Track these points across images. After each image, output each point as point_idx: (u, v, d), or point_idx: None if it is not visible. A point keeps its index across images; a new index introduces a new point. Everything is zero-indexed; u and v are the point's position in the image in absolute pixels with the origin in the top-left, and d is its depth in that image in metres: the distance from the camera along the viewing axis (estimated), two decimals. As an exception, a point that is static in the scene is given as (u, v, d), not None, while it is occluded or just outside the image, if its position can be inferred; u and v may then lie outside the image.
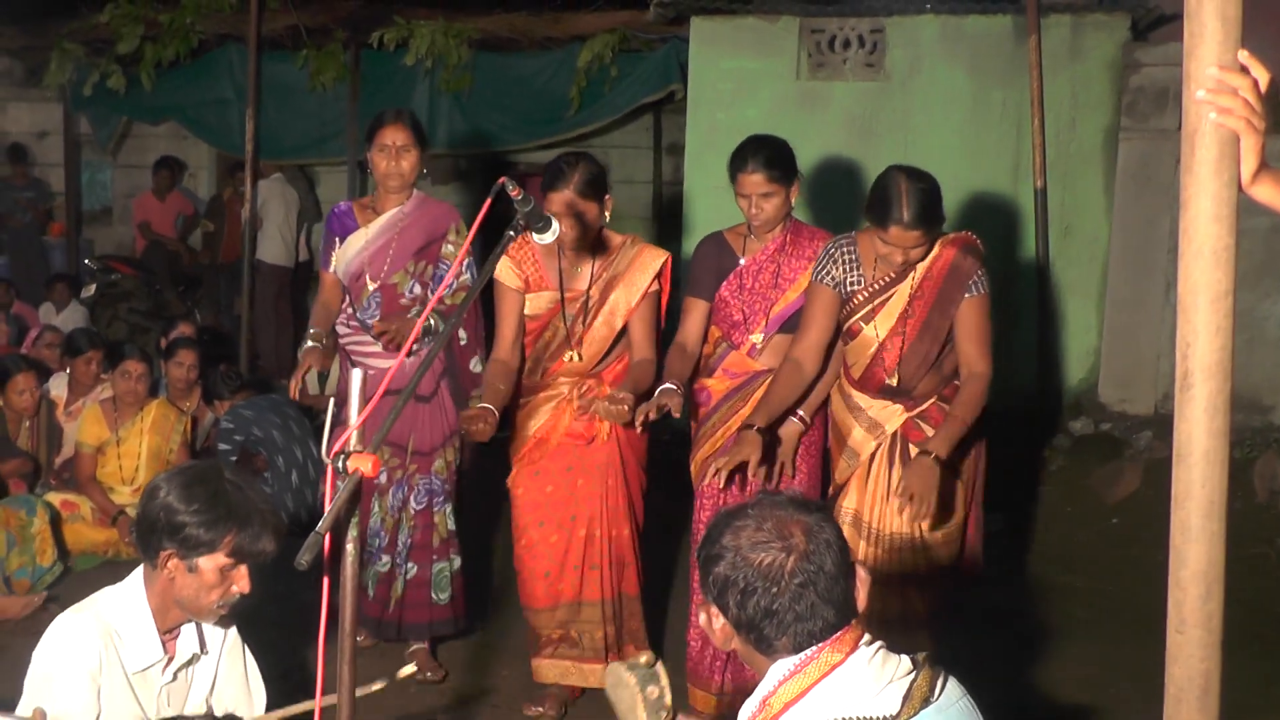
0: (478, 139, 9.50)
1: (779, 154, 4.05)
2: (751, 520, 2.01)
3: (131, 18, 9.48)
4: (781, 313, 4.14)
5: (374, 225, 4.56)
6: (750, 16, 7.50)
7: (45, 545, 5.37)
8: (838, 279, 3.91)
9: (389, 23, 9.04)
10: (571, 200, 4.03)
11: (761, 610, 1.95)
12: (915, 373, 3.89)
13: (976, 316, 3.82)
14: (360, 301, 4.58)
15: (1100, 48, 7.07)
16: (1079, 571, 5.62)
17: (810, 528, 1.98)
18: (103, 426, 6.10)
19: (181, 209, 10.99)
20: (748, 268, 4.18)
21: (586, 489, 4.24)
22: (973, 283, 3.80)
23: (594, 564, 4.27)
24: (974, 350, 3.83)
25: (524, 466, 4.30)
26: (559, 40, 9.04)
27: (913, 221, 3.64)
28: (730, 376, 4.21)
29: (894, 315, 3.86)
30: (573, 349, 4.24)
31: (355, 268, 4.55)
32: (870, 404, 3.95)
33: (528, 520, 4.30)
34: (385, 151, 4.44)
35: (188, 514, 2.60)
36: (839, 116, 7.39)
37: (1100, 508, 6.24)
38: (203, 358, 6.90)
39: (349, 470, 2.28)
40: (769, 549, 1.96)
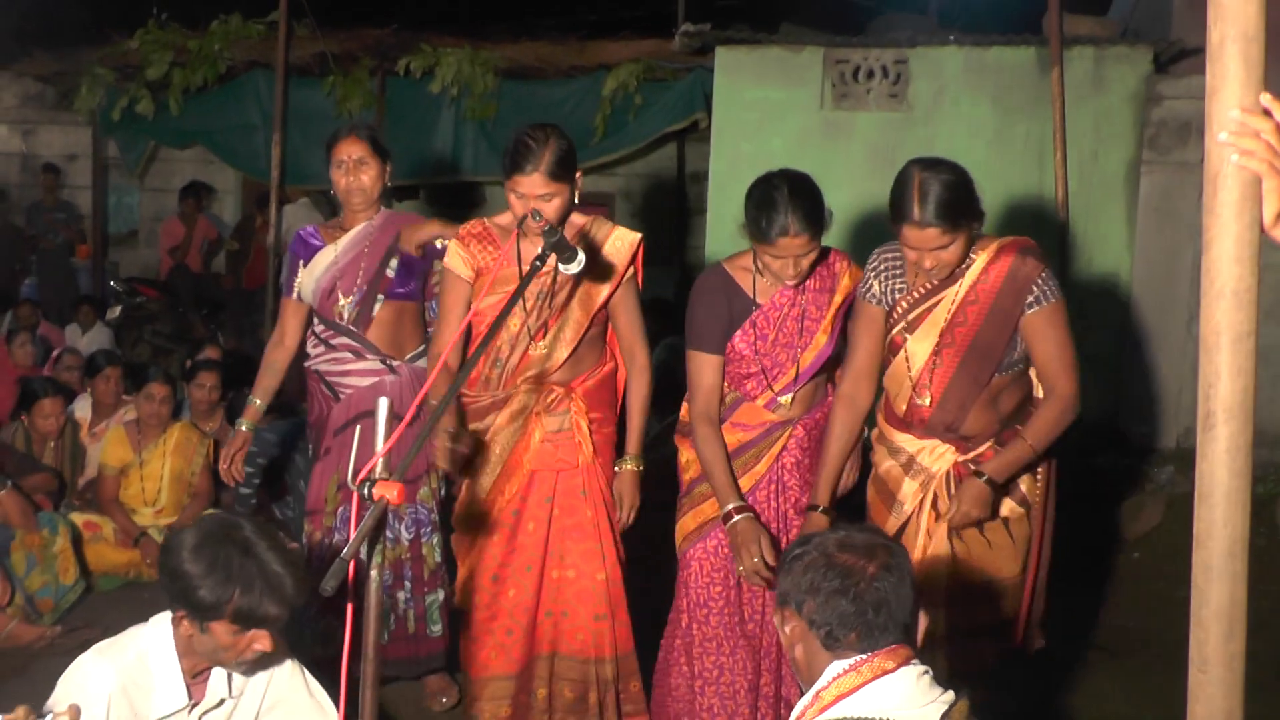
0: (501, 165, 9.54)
1: (816, 202, 3.45)
2: (843, 534, 2.21)
3: (161, 44, 9.59)
4: (813, 363, 3.62)
5: (342, 241, 4.32)
6: (775, 47, 7.53)
7: (67, 564, 5.39)
8: (878, 293, 3.46)
9: (416, 50, 9.12)
10: (544, 182, 3.55)
11: (836, 605, 2.11)
12: (962, 403, 3.37)
13: (1050, 329, 3.32)
14: (333, 315, 4.30)
15: (1123, 80, 7.08)
16: (1102, 605, 5.59)
17: (895, 555, 2.18)
18: (126, 448, 6.14)
19: (206, 234, 11.09)
20: (766, 313, 3.60)
21: (568, 523, 3.76)
22: (1038, 290, 3.29)
23: (569, 611, 3.78)
24: (1053, 368, 3.33)
25: (499, 506, 3.77)
26: (584, 69, 9.09)
27: (927, 218, 3.17)
28: (741, 429, 3.65)
29: (937, 328, 3.36)
30: (536, 340, 3.73)
31: (325, 284, 4.30)
32: (914, 444, 3.44)
33: (498, 568, 3.78)
34: (342, 167, 4.26)
35: (193, 578, 2.56)
36: (862, 147, 7.41)
37: (1121, 543, 6.21)
38: (225, 380, 6.95)
39: (374, 498, 2.30)
40: (855, 554, 2.15)
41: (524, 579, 3.76)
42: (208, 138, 10.43)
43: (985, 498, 3.31)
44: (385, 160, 4.32)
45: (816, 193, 3.48)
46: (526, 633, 3.78)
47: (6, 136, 11.80)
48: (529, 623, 3.79)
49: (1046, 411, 3.34)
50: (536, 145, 3.57)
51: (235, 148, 10.28)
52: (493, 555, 3.79)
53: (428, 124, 9.30)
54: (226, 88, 9.99)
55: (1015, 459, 3.33)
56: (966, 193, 3.24)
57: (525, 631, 3.78)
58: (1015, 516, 3.47)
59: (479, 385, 3.82)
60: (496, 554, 3.78)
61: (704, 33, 7.64)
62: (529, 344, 3.75)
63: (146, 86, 9.89)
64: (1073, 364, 3.34)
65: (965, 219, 3.23)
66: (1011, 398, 3.42)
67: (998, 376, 3.38)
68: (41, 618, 5.17)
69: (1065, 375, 3.32)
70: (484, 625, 3.81)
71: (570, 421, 3.75)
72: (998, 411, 3.40)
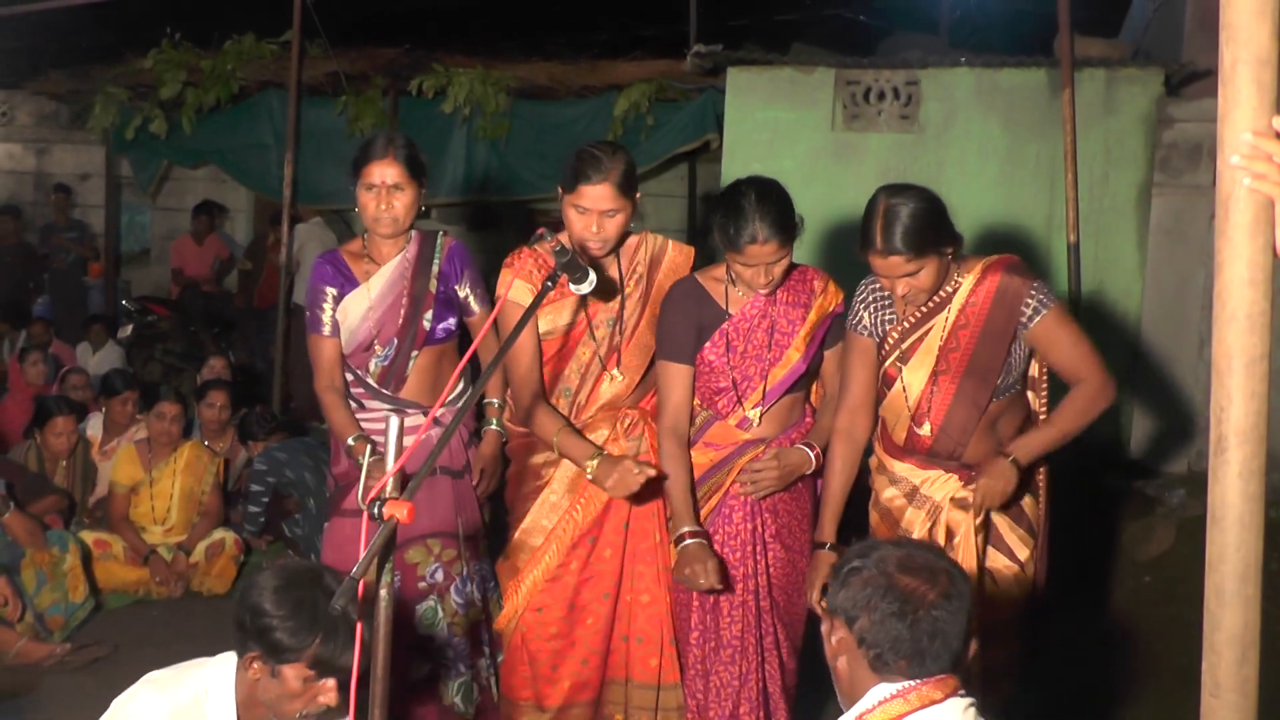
0: (514, 186, 9.57)
1: (784, 209, 3.38)
2: (905, 552, 2.15)
3: (174, 64, 9.63)
4: (784, 379, 3.54)
5: (376, 282, 3.87)
6: (786, 68, 7.55)
7: (77, 582, 5.40)
8: (869, 324, 3.43)
9: (428, 70, 9.15)
10: (612, 195, 3.44)
11: (891, 629, 2.07)
12: (963, 428, 3.34)
13: (1059, 332, 3.27)
14: (367, 367, 3.91)
15: (1134, 102, 7.08)
16: (1112, 629, 5.56)
17: (955, 581, 2.12)
18: (137, 467, 6.16)
19: (218, 253, 11.14)
20: (736, 324, 3.53)
21: (640, 546, 3.65)
22: (1034, 302, 3.25)
23: (643, 636, 3.67)
24: (1075, 366, 3.28)
25: (571, 535, 3.66)
26: (596, 89, 9.10)
27: (890, 245, 3.12)
28: (713, 449, 3.59)
29: (931, 356, 3.32)
30: (609, 369, 3.64)
31: (363, 336, 3.87)
32: (918, 475, 3.41)
33: (574, 596, 3.67)
34: (373, 191, 3.74)
35: (275, 618, 2.54)
36: (873, 168, 7.41)
37: (1132, 565, 6.17)
38: (235, 399, 6.97)
39: (384, 517, 2.30)
40: (916, 577, 2.09)
41: (602, 606, 3.68)
42: (220, 157, 10.47)
43: (1010, 477, 3.27)
44: (422, 183, 3.84)
45: (785, 200, 3.42)
46: (603, 659, 3.72)
47: (21, 155, 11.87)
48: (605, 649, 3.72)
49: (1076, 396, 3.29)
50: (605, 157, 3.45)
51: (248, 167, 10.31)
52: (567, 584, 3.68)
53: (440, 143, 9.31)
54: (239, 107, 10.04)
55: (1042, 441, 3.31)
56: (932, 219, 3.17)
57: (602, 659, 3.72)
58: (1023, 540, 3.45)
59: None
60: (572, 582, 3.67)
61: (715, 53, 7.66)
62: (602, 373, 3.66)
63: (160, 106, 9.95)
64: (1093, 355, 3.30)
65: (932, 246, 3.17)
66: (1011, 422, 3.40)
67: (995, 401, 3.34)
68: (51, 635, 5.18)
69: (1089, 367, 3.28)
70: (561, 654, 3.71)
71: (646, 444, 3.65)
72: (997, 437, 3.37)
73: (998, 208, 7.12)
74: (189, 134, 10.01)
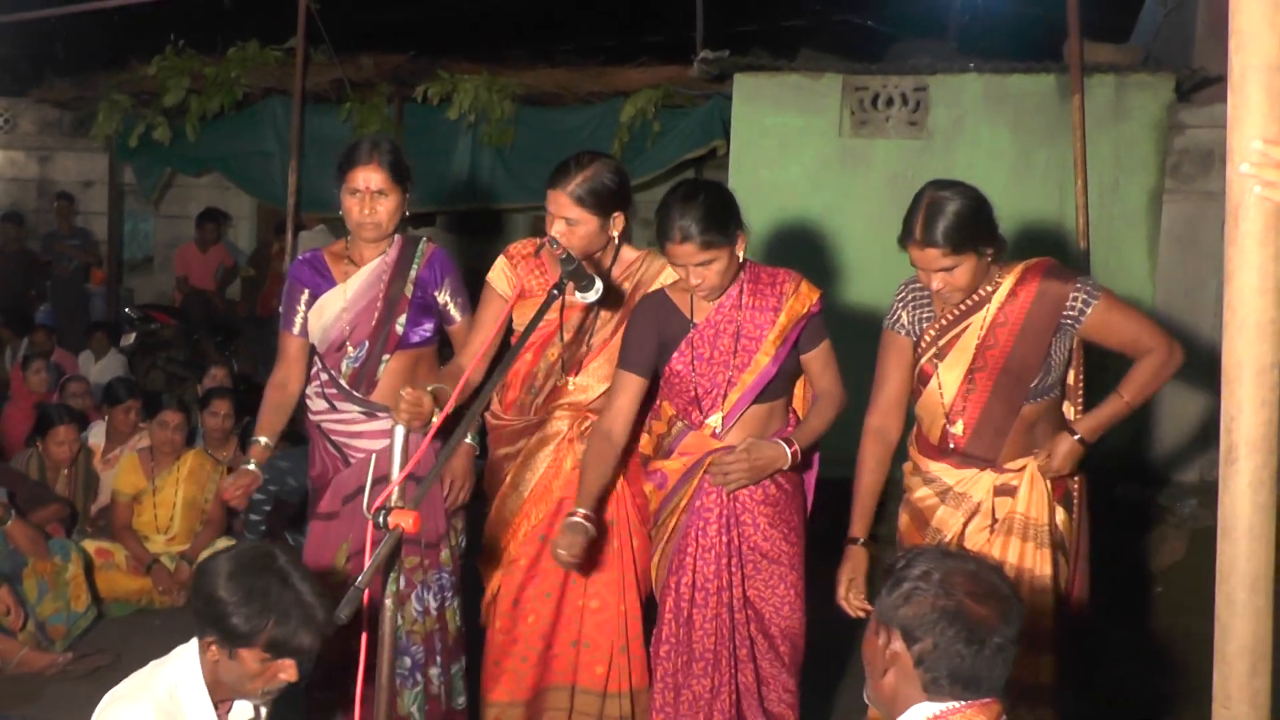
0: (520, 193, 9.58)
1: (712, 210, 3.33)
2: (968, 567, 2.13)
3: (178, 71, 9.68)
4: (752, 385, 3.47)
5: (353, 282, 3.89)
6: (793, 74, 7.56)
7: (79, 590, 5.41)
8: (906, 323, 3.44)
9: (433, 77, 9.18)
10: (568, 204, 3.48)
11: (953, 656, 2.05)
12: (998, 429, 3.33)
13: (1113, 316, 3.27)
14: (339, 367, 3.90)
15: (1144, 108, 7.08)
16: (1122, 639, 5.54)
17: (1014, 604, 2.11)
18: (139, 475, 6.17)
19: (222, 260, 11.17)
20: (701, 332, 3.49)
21: (592, 551, 3.60)
22: (1082, 295, 3.24)
23: (590, 641, 3.71)
24: (1138, 340, 3.28)
25: (524, 531, 3.73)
26: (602, 95, 9.12)
27: (929, 238, 3.15)
28: (688, 456, 3.56)
29: (967, 354, 3.32)
30: (569, 375, 3.68)
31: (335, 335, 3.88)
32: (953, 475, 3.39)
33: (519, 593, 3.74)
34: (357, 196, 3.78)
35: (229, 604, 2.59)
36: (881, 174, 7.42)
37: (1143, 576, 6.16)
38: (239, 407, 6.98)
39: (389, 526, 2.31)
40: (984, 602, 2.07)
41: (543, 605, 3.72)
42: (224, 164, 10.50)
43: (1077, 456, 3.33)
44: (406, 188, 3.86)
45: (720, 201, 3.38)
46: (541, 660, 3.73)
47: (24, 162, 11.91)
48: (544, 650, 3.73)
49: (1144, 364, 3.28)
50: (574, 166, 3.52)
51: (251, 174, 10.34)
52: (514, 580, 3.75)
53: (445, 150, 9.34)
54: (243, 114, 10.07)
55: (1110, 415, 3.33)
56: (976, 217, 3.21)
57: (540, 659, 3.73)
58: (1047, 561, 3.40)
59: (514, 409, 3.78)
60: (518, 579, 3.74)
61: (722, 59, 7.68)
62: (561, 377, 3.70)
63: (163, 113, 9.99)
64: (1153, 325, 3.32)
65: (971, 243, 3.19)
66: (1046, 430, 3.37)
67: (1031, 404, 3.33)
68: (53, 645, 5.19)
69: (1152, 337, 3.28)
70: (502, 649, 3.77)
71: None
72: (1033, 441, 3.36)
73: (1006, 215, 6.99)
74: (192, 141, 10.05)
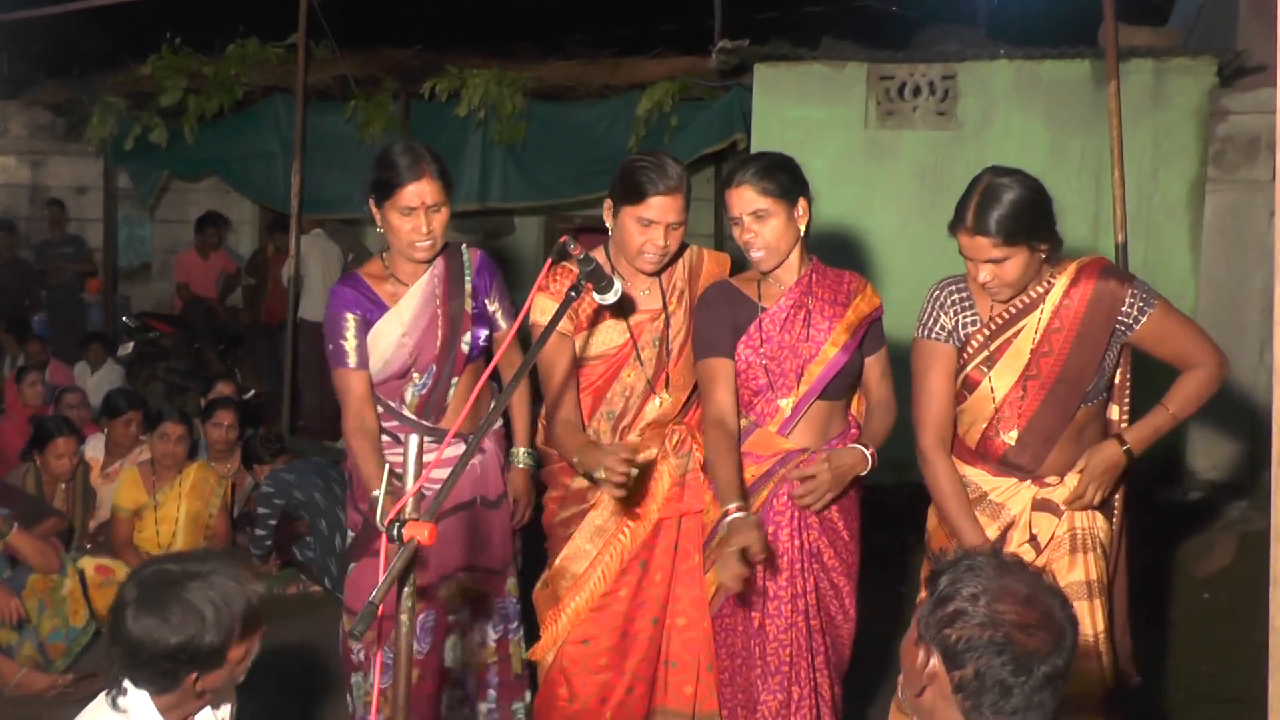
0: (532, 191, 9.60)
1: (776, 165, 3.47)
2: (1021, 591, 2.05)
3: (175, 70, 9.73)
4: (821, 375, 3.48)
5: (408, 304, 3.73)
6: (816, 63, 7.56)
7: (77, 606, 5.43)
8: (948, 327, 3.36)
9: (441, 72, 9.19)
10: (680, 208, 3.49)
11: (998, 685, 2.00)
12: (1048, 437, 3.29)
13: (1167, 326, 3.29)
14: (402, 396, 3.78)
15: (1185, 94, 7.06)
16: (1169, 648, 5.53)
17: (1067, 627, 2.04)
18: (140, 490, 6.21)
19: (224, 267, 11.21)
20: (771, 315, 3.52)
21: (683, 568, 3.62)
22: (1138, 301, 3.25)
23: (677, 661, 3.67)
24: (1188, 353, 3.30)
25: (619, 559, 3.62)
26: (617, 88, 9.12)
27: (980, 225, 3.13)
28: (755, 461, 3.52)
29: (1020, 360, 3.27)
30: (658, 392, 3.64)
31: (398, 365, 3.72)
32: (989, 482, 3.35)
33: (625, 624, 3.64)
34: (411, 215, 3.60)
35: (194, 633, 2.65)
36: (909, 167, 7.41)
37: (1190, 582, 6.14)
38: (243, 419, 7.01)
39: (404, 539, 2.31)
40: (1034, 634, 2.00)
41: (652, 632, 3.66)
42: (224, 167, 10.55)
43: (1118, 466, 3.28)
44: (452, 194, 3.73)
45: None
46: (649, 688, 3.70)
47: (15, 168, 11.97)
48: (651, 677, 3.70)
49: (1191, 378, 3.30)
50: (672, 166, 3.48)
51: (252, 177, 10.38)
52: (617, 612, 3.65)
53: (454, 149, 9.34)
54: (243, 114, 10.11)
55: (1157, 427, 3.31)
56: (1032, 209, 3.17)
57: (648, 687, 3.69)
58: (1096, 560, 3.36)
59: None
60: (622, 610, 3.64)
61: (742, 49, 7.68)
62: (649, 395, 3.65)
63: (160, 114, 10.04)
64: (1204, 338, 3.33)
65: (1024, 236, 3.15)
66: (1094, 433, 3.36)
67: (1082, 408, 3.31)
68: (52, 664, 5.21)
69: (1202, 351, 3.30)
70: (609, 686, 3.67)
71: (694, 462, 3.62)
72: (1081, 446, 3.33)
73: (1041, 207, 7.11)
74: (191, 143, 10.10)
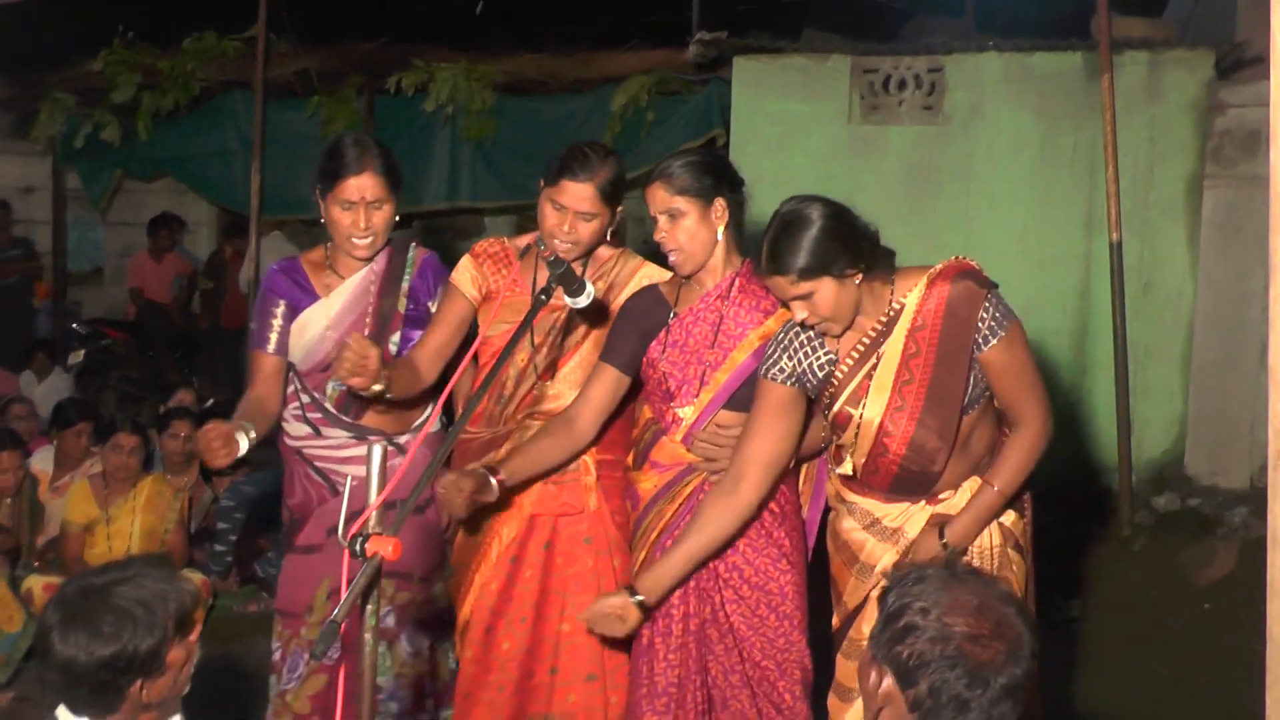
0: (503, 190, 9.59)
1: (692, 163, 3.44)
2: (971, 602, 2.05)
3: (128, 65, 9.66)
4: (729, 381, 3.44)
5: (338, 296, 3.80)
6: (797, 56, 7.58)
7: (10, 611, 5.36)
8: (791, 369, 3.29)
9: (407, 66, 9.17)
10: (592, 198, 3.53)
11: (954, 701, 1.99)
12: (931, 458, 3.19)
13: (1010, 359, 3.14)
14: (324, 390, 3.82)
15: (1181, 87, 7.10)
16: (1168, 661, 5.55)
17: (1024, 634, 2.03)
18: (92, 504, 6.17)
19: (180, 271, 11.15)
20: (681, 319, 3.50)
21: (569, 572, 3.67)
22: (989, 320, 3.12)
23: (559, 668, 3.70)
24: (1018, 400, 3.18)
25: (496, 552, 3.71)
26: (590, 82, 9.12)
27: (772, 264, 3.09)
28: (658, 471, 3.53)
29: (885, 392, 3.17)
30: (542, 379, 3.68)
31: (319, 356, 3.77)
32: (881, 509, 3.29)
33: (492, 619, 3.72)
34: (350, 209, 3.66)
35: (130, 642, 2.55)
36: (895, 163, 7.44)
37: (1190, 591, 6.17)
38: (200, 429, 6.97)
39: (367, 554, 2.31)
40: (987, 644, 2.00)
41: (518, 630, 3.71)
42: (179, 166, 10.50)
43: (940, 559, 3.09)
44: (399, 191, 3.78)
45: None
46: (519, 689, 3.71)
47: (-44, 169, 11.89)
48: (521, 678, 3.71)
49: (1016, 449, 3.19)
50: (595, 157, 3.57)
51: (209, 177, 10.34)
52: (486, 604, 3.73)
53: (421, 146, 9.34)
54: (200, 111, 10.07)
55: (984, 512, 3.19)
56: (825, 237, 3.07)
57: (517, 688, 3.71)
58: (1016, 564, 3.34)
59: (481, 421, 3.77)
60: (490, 603, 3.72)
61: (720, 41, 7.69)
62: (535, 382, 3.70)
63: (112, 111, 9.97)
64: (1037, 388, 3.20)
65: (821, 268, 3.06)
66: (984, 436, 3.27)
67: (963, 418, 3.21)
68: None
69: (1032, 404, 3.19)
70: (477, 679, 3.74)
71: (578, 464, 3.67)
72: (971, 456, 3.26)
73: (1031, 205, 7.14)
74: (145, 141, 10.03)
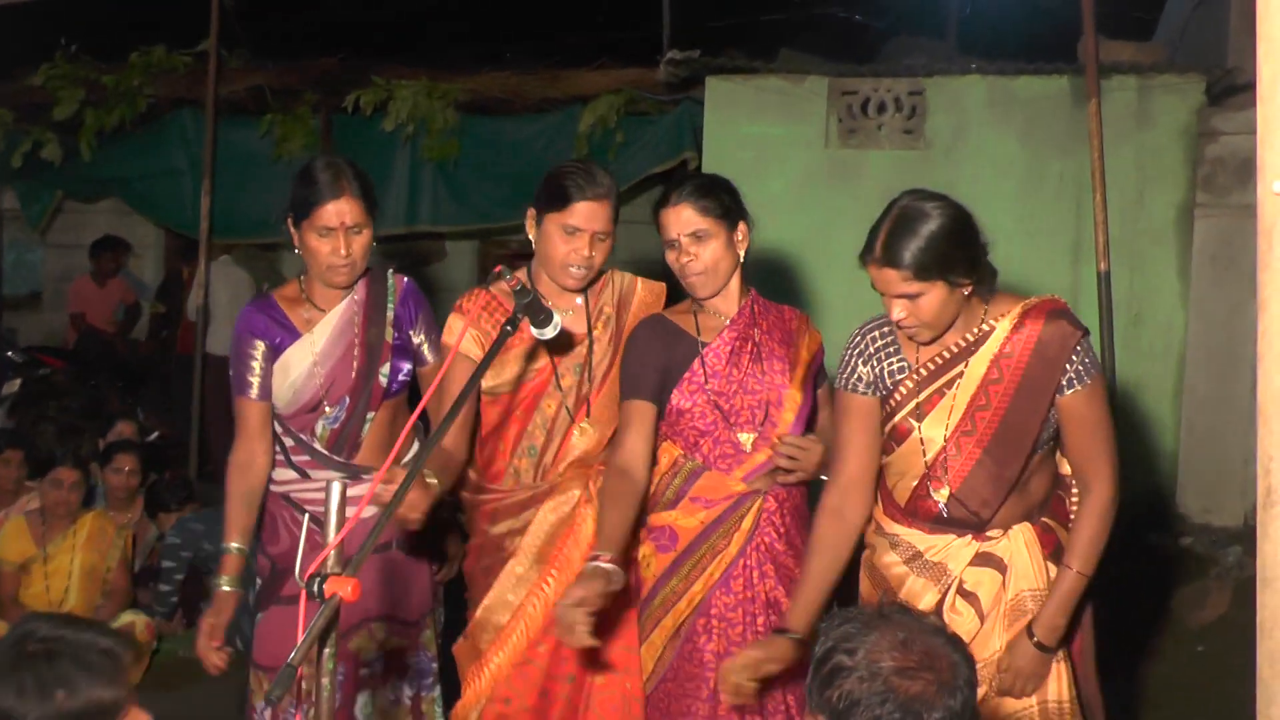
0: (465, 214, 9.59)
1: (716, 184, 3.64)
2: (897, 635, 2.04)
3: (70, 80, 9.62)
4: (795, 420, 3.54)
5: (321, 331, 3.76)
6: (773, 76, 7.61)
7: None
8: (870, 378, 3.26)
9: (365, 84, 9.16)
10: (607, 216, 3.60)
11: None
12: (986, 500, 3.14)
13: (1089, 411, 3.11)
14: (313, 430, 3.78)
15: (1171, 113, 7.17)
16: (1161, 705, 5.57)
17: (957, 664, 2.03)
18: (28, 541, 6.14)
19: (123, 297, 11.09)
20: (714, 349, 3.54)
21: (603, 624, 3.45)
22: (1078, 365, 3.07)
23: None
24: (1092, 459, 3.14)
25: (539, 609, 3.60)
26: (557, 102, 9.14)
27: (887, 257, 3.00)
28: (704, 506, 3.52)
29: (962, 406, 3.12)
30: (577, 421, 3.67)
31: (309, 396, 3.74)
32: (924, 541, 3.22)
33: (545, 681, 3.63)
34: (329, 236, 3.60)
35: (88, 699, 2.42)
36: (874, 189, 7.43)
37: (1183, 633, 6.19)
38: (145, 463, 6.94)
39: (325, 595, 2.31)
40: (915, 677, 1.99)
41: (569, 691, 3.65)
42: (125, 187, 10.45)
43: (1039, 663, 3.13)
44: (375, 215, 3.74)
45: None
46: None
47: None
48: None
49: (1088, 521, 3.13)
50: (599, 171, 3.62)
51: (156, 198, 10.30)
52: (537, 669, 3.65)
53: (380, 167, 9.32)
54: (147, 129, 10.03)
55: (1068, 598, 3.11)
56: (950, 239, 3.02)
57: None
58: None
59: (508, 477, 3.72)
60: (542, 666, 3.65)
61: (693, 60, 7.71)
62: (570, 426, 3.68)
63: (53, 128, 9.92)
64: (1111, 449, 3.17)
65: (940, 270, 3.00)
66: (1042, 483, 3.24)
67: (1030, 458, 3.17)
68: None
69: (1103, 465, 3.14)
70: None
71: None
72: (1027, 501, 3.21)
73: (1016, 234, 7.16)
74: (88, 160, 9.98)
